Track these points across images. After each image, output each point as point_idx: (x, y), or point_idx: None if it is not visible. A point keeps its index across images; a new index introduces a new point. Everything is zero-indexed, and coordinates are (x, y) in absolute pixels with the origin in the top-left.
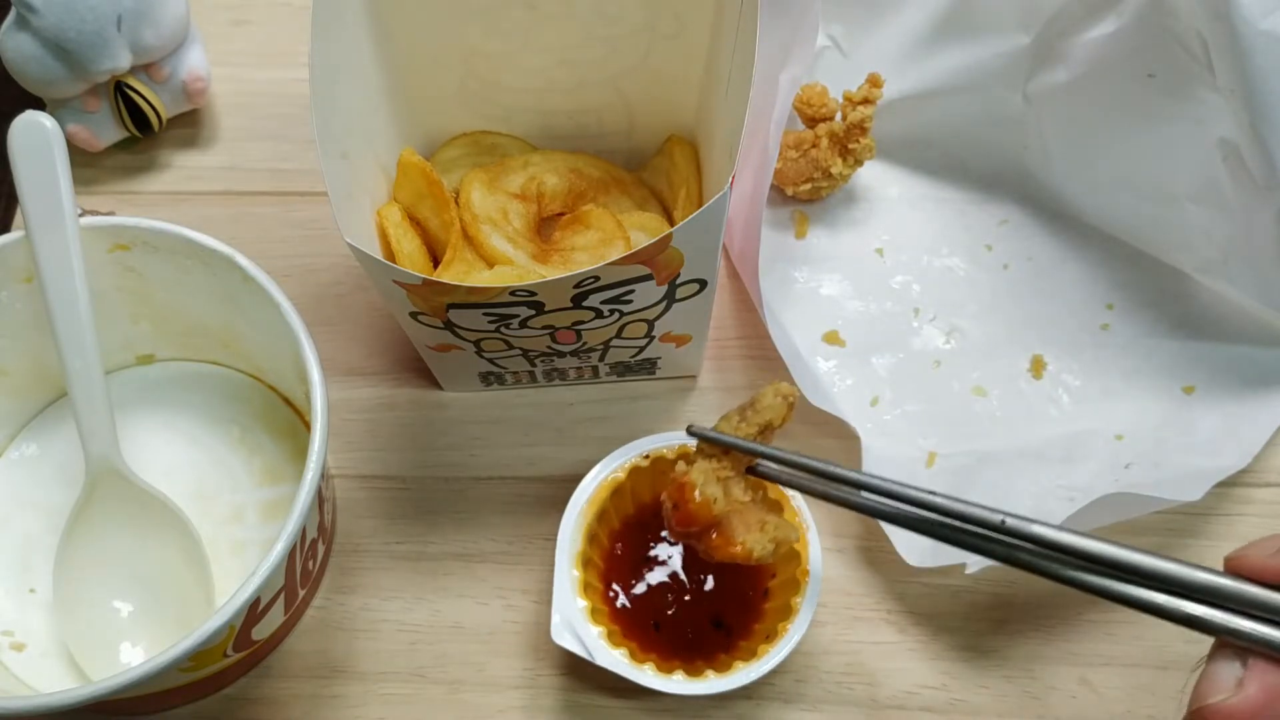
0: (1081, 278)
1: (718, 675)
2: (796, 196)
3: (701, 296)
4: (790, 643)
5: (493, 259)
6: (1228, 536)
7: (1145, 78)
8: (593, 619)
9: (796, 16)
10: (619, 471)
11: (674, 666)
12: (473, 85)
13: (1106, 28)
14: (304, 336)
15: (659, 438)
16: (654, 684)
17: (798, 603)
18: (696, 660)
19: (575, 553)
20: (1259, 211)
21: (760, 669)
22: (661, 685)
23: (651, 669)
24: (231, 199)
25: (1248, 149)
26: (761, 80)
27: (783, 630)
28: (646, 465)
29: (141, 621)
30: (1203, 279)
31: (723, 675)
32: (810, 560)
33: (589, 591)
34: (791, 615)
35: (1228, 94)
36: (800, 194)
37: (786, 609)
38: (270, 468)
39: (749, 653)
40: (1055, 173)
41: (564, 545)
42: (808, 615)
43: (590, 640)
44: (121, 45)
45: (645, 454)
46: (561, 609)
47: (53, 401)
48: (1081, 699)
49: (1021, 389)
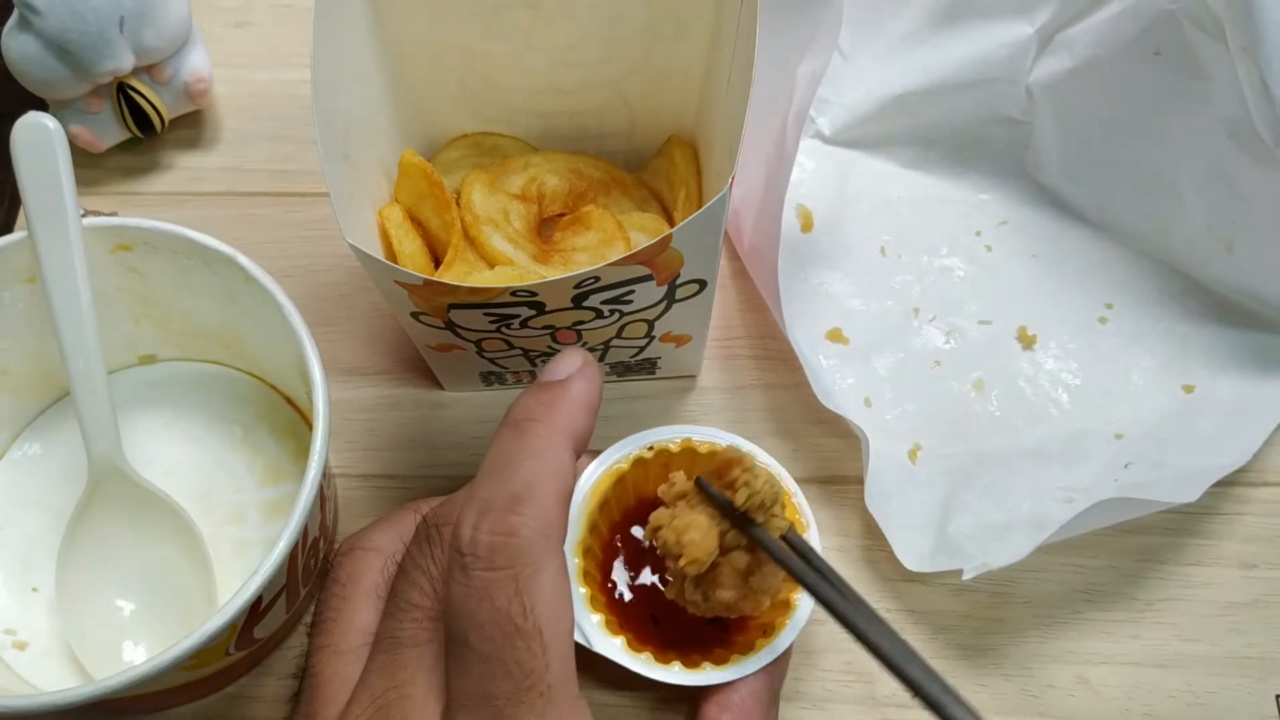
0: (1081, 277)
1: (715, 667)
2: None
3: (701, 297)
4: (788, 638)
5: (494, 259)
6: (1227, 536)
7: (1152, 56)
8: (591, 606)
9: (817, 10)
10: (622, 462)
11: (670, 658)
12: (473, 86)
13: (1112, 8)
14: (306, 337)
15: (664, 430)
16: (650, 673)
17: (796, 598)
18: (693, 654)
19: (576, 540)
20: (1268, 185)
21: (758, 662)
22: (658, 674)
23: (649, 658)
24: (233, 200)
25: (1258, 111)
26: (778, 74)
27: (780, 625)
28: (650, 457)
29: (144, 620)
30: (1203, 277)
31: (719, 668)
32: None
33: (588, 579)
34: (790, 611)
35: (1239, 54)
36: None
37: (785, 604)
38: (272, 467)
39: (746, 646)
40: (1056, 172)
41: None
42: (805, 610)
43: (589, 628)
44: (124, 46)
45: (650, 445)
46: None
47: (55, 401)
48: (1080, 697)
49: (1021, 389)
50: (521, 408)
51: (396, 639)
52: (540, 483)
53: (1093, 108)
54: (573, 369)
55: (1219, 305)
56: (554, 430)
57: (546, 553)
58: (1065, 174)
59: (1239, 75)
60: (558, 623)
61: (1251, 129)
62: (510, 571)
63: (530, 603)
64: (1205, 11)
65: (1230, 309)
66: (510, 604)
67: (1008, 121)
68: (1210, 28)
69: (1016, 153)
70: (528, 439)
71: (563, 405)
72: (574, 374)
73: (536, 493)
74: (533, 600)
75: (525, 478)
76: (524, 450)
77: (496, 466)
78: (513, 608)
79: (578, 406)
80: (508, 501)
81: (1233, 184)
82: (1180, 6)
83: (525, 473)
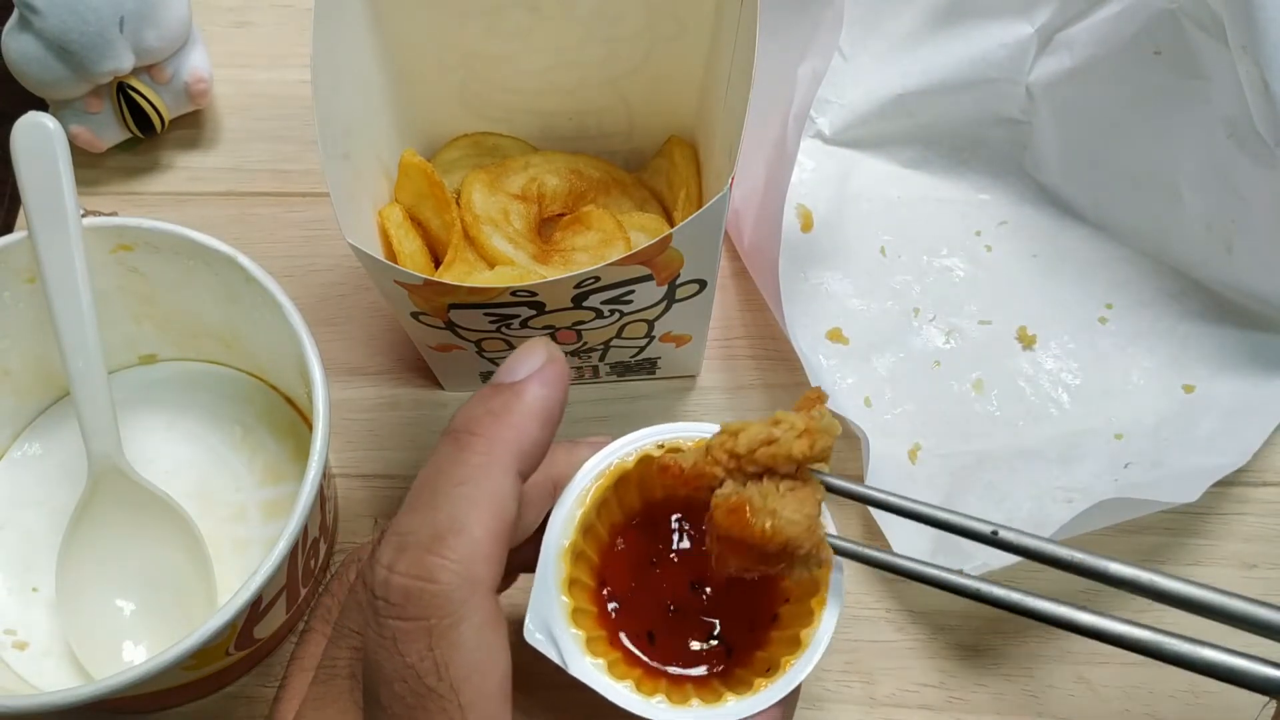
0: (1081, 278)
1: (703, 705)
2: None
3: (701, 297)
4: (792, 681)
5: (494, 259)
6: (1227, 536)
7: (1152, 55)
8: (574, 620)
9: (817, 10)
10: (628, 459)
11: (658, 687)
12: (474, 86)
13: (1112, 8)
14: (306, 336)
15: (678, 426)
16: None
17: (808, 635)
18: (685, 684)
19: (564, 545)
20: (1268, 185)
21: (752, 706)
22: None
23: (630, 687)
24: (233, 200)
25: (1258, 110)
26: (778, 74)
27: (786, 664)
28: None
29: (144, 620)
30: (1203, 277)
31: (708, 706)
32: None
33: (576, 589)
34: (799, 650)
35: (1239, 52)
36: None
37: (795, 642)
38: (272, 467)
39: (744, 684)
40: (1055, 172)
41: (552, 536)
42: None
43: (566, 645)
44: (124, 46)
45: (660, 443)
46: (539, 606)
47: (56, 401)
48: (1079, 697)
49: (1021, 389)
50: (464, 416)
51: (333, 667)
52: (470, 517)
53: (1092, 108)
54: (532, 368)
55: (1219, 305)
56: (496, 447)
57: (470, 600)
58: (1065, 174)
59: (1239, 74)
60: (481, 680)
61: (1251, 128)
62: (424, 624)
63: (445, 659)
64: (1205, 10)
65: (1230, 309)
66: (422, 661)
67: (1007, 121)
68: (1210, 27)
69: (1016, 153)
70: (464, 457)
71: (511, 416)
72: (532, 375)
73: (465, 529)
74: (448, 656)
75: (453, 510)
76: (457, 473)
77: (424, 491)
78: (424, 665)
79: (529, 417)
80: (429, 539)
81: (1232, 184)
82: (1180, 5)
83: (454, 503)
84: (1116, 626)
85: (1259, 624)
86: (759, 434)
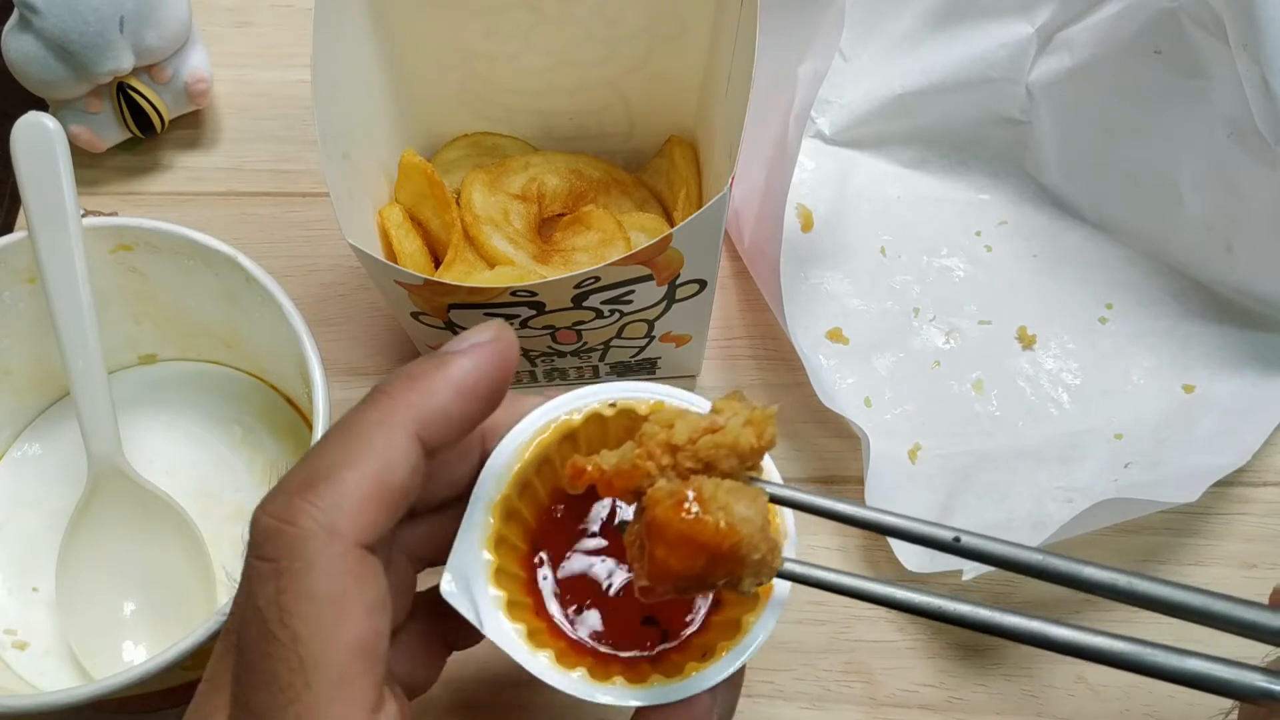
0: (1081, 278)
1: (627, 684)
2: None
3: (701, 297)
4: (725, 670)
5: (494, 259)
6: (1227, 536)
7: (1152, 55)
8: (495, 580)
9: (817, 11)
10: (574, 416)
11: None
12: (474, 87)
13: (1112, 7)
14: (306, 336)
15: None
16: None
17: (749, 621)
18: (612, 664)
19: (495, 499)
20: (1268, 185)
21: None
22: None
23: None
24: (234, 200)
25: (1259, 108)
26: (778, 74)
27: (722, 650)
28: (611, 416)
29: (144, 620)
30: (1203, 277)
31: (632, 686)
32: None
33: (504, 549)
34: (738, 636)
35: (1239, 51)
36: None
37: (734, 626)
38: (272, 467)
39: (675, 668)
40: (1055, 172)
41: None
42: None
43: (484, 604)
44: (124, 46)
45: (612, 401)
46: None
47: (56, 401)
48: (1079, 697)
49: (1021, 389)
50: (388, 377)
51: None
52: (350, 466)
53: (1092, 107)
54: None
55: (1219, 305)
56: (399, 408)
57: (326, 549)
58: (1065, 174)
59: (1239, 72)
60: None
61: (1252, 128)
62: (275, 564)
63: (290, 605)
64: (1205, 9)
65: (1230, 309)
66: (269, 605)
67: (1007, 121)
68: (1210, 26)
69: (1016, 153)
70: (363, 413)
71: (425, 381)
72: (467, 348)
73: (339, 477)
74: (293, 604)
75: (332, 460)
76: (356, 427)
77: (321, 441)
78: (269, 609)
79: (446, 386)
80: (300, 484)
81: (1233, 184)
82: (1180, 4)
83: (337, 452)
84: (1094, 640)
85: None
86: (699, 422)
